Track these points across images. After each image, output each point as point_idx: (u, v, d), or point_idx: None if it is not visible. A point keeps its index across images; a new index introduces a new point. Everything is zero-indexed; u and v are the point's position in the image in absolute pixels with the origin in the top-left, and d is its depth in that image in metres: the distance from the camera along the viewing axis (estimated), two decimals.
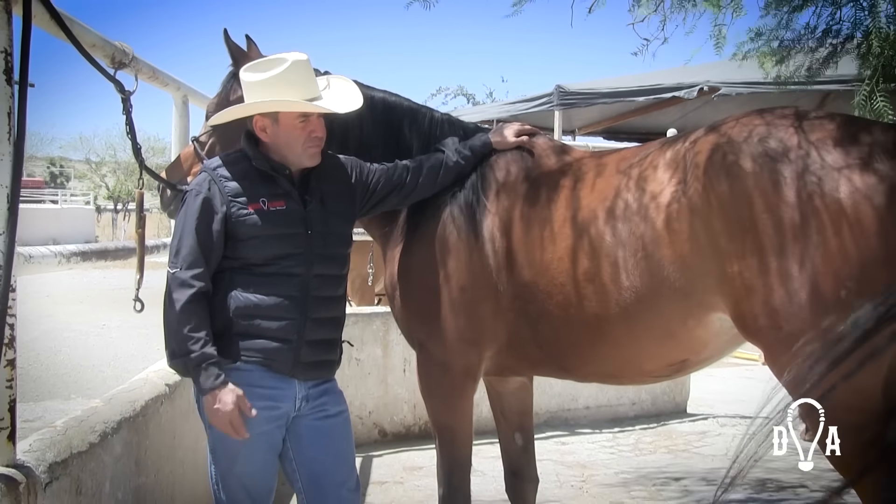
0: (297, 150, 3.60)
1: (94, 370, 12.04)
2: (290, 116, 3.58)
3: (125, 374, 5.37)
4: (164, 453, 4.62)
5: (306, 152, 3.61)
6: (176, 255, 3.48)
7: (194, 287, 3.40)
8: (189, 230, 3.47)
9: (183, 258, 3.44)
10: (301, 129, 3.58)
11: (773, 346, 3.37)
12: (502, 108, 16.09)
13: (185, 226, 3.50)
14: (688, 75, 13.49)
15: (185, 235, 3.48)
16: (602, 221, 3.69)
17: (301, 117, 3.58)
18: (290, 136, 3.58)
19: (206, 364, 3.35)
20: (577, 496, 6.70)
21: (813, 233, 3.17)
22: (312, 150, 3.61)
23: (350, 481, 3.73)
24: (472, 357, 4.06)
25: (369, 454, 7.62)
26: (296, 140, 3.58)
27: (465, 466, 4.23)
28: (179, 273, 3.42)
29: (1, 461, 2.98)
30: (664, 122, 15.33)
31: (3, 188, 2.96)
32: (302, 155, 3.61)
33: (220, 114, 3.79)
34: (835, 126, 3.35)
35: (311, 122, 3.59)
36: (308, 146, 3.59)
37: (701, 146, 3.50)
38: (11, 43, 2.96)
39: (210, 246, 3.46)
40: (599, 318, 3.70)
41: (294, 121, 3.57)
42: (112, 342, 14.12)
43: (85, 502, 3.57)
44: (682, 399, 9.61)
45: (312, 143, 3.60)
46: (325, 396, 3.69)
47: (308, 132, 3.58)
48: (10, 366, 3.00)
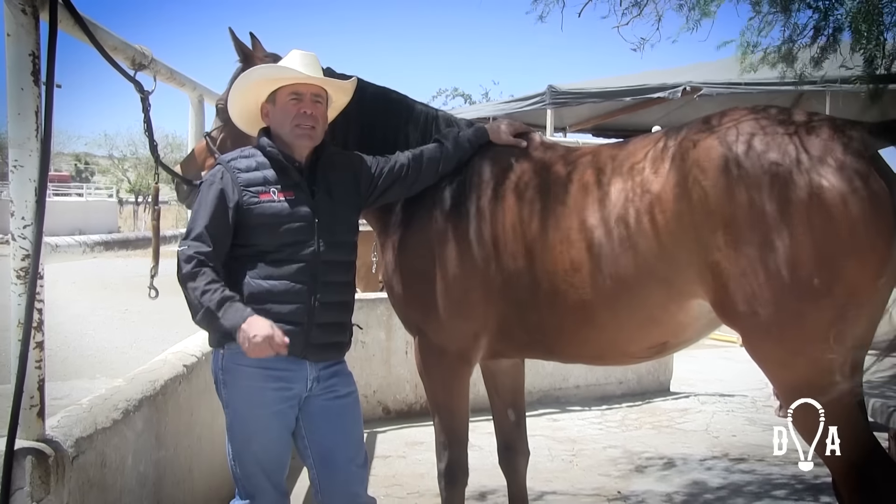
0: (287, 129, 3.58)
1: (117, 352, 12.06)
2: (283, 95, 3.59)
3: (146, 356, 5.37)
4: (182, 429, 4.64)
5: (294, 131, 3.57)
6: (187, 236, 3.49)
7: (199, 250, 3.39)
8: (201, 215, 3.48)
9: (192, 238, 3.44)
10: (293, 106, 3.57)
11: (751, 331, 3.39)
12: (498, 107, 16.15)
13: (198, 212, 3.51)
14: (672, 77, 13.58)
15: (198, 220, 3.48)
16: (588, 213, 3.68)
17: (293, 96, 3.57)
18: (283, 113, 3.58)
19: (228, 303, 3.31)
20: (567, 469, 6.72)
21: (787, 226, 3.18)
22: (300, 131, 3.57)
23: (358, 458, 3.73)
24: (467, 342, 4.06)
25: (374, 430, 7.66)
26: (286, 117, 3.57)
27: (462, 442, 4.24)
28: (187, 250, 3.42)
29: (31, 436, 3.00)
30: (649, 119, 15.34)
31: (32, 182, 2.97)
32: (291, 134, 3.58)
33: (224, 97, 3.84)
34: (809, 125, 3.35)
35: (303, 102, 3.58)
36: (296, 123, 3.56)
37: (684, 143, 3.49)
38: (38, 46, 2.97)
39: (220, 231, 3.45)
40: (585, 305, 3.69)
41: (286, 98, 3.58)
42: (133, 326, 14.14)
43: (109, 475, 3.58)
44: (665, 378, 9.64)
45: (301, 121, 3.56)
46: (335, 378, 3.69)
47: (298, 109, 3.56)
48: (38, 348, 3.01)
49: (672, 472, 6.66)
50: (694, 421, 8.35)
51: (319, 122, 3.63)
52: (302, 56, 3.65)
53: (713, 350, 11.33)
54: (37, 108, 2.96)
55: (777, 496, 6.03)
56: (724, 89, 12.33)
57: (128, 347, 12.28)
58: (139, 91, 3.99)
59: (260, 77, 3.63)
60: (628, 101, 14.82)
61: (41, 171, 2.98)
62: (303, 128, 3.58)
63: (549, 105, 14.18)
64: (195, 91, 5.72)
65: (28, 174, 2.97)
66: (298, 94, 3.58)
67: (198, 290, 3.33)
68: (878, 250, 3.12)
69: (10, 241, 2.99)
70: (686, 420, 8.40)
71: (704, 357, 10.93)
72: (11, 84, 2.93)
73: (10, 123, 2.96)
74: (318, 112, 3.62)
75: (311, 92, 3.61)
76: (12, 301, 2.98)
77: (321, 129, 3.65)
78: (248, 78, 3.65)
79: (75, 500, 3.19)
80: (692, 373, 10.12)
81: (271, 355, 3.28)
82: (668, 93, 13.25)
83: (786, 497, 5.98)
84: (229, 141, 4.07)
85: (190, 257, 3.39)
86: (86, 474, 3.33)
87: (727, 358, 10.84)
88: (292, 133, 3.58)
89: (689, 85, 13.01)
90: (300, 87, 3.59)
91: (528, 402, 4.91)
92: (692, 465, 6.86)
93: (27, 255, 2.98)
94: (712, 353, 11.21)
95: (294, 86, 3.58)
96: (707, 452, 7.21)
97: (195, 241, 3.42)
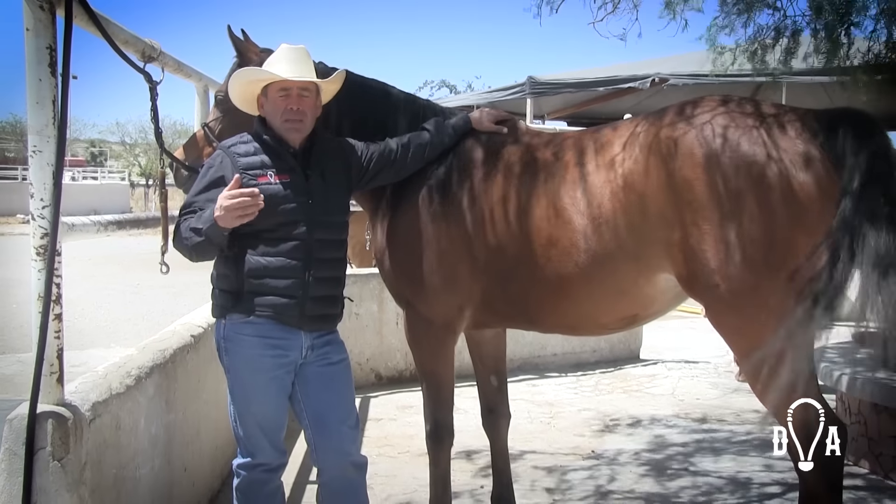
0: (277, 122, 3.58)
1: (129, 323, 12.04)
2: (274, 90, 3.58)
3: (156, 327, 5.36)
4: (190, 394, 4.65)
5: (283, 125, 3.57)
6: (185, 208, 3.53)
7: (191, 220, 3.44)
8: (199, 190, 3.53)
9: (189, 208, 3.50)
10: (281, 101, 3.56)
11: (713, 302, 3.41)
12: (481, 97, 16.12)
13: (196, 186, 3.56)
14: (641, 68, 13.61)
15: (196, 194, 3.53)
16: (565, 194, 3.69)
17: (281, 92, 3.57)
18: (273, 107, 3.58)
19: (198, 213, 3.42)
20: (545, 430, 6.77)
21: (745, 206, 3.21)
22: (288, 125, 3.57)
23: (350, 419, 3.74)
24: (453, 313, 4.06)
25: (367, 395, 7.69)
26: (276, 111, 3.57)
27: (449, 405, 4.26)
28: (182, 221, 3.47)
29: (51, 401, 3.01)
30: (621, 108, 15.33)
31: (49, 166, 2.97)
32: (280, 126, 3.58)
33: (221, 89, 3.92)
34: (766, 114, 3.38)
35: (290, 98, 3.56)
36: (285, 118, 3.56)
37: (654, 131, 3.50)
38: (55, 40, 2.96)
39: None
40: (561, 279, 3.70)
41: (276, 94, 3.57)
42: (144, 299, 14.10)
43: (123, 436, 3.60)
44: (635, 347, 9.69)
45: (290, 116, 3.56)
46: (328, 346, 3.70)
47: (286, 105, 3.56)
48: (57, 319, 3.02)
49: (641, 432, 6.73)
50: (661, 385, 8.41)
51: (307, 115, 3.62)
52: (290, 51, 3.64)
53: (679, 321, 11.37)
54: (54, 97, 2.96)
55: (734, 452, 6.11)
56: (690, 80, 12.37)
57: (139, 319, 12.25)
58: (148, 81, 3.98)
59: (245, 79, 3.64)
60: (602, 91, 14.90)
61: (57, 156, 2.97)
62: (291, 122, 3.58)
63: (529, 94, 14.18)
64: (200, 81, 5.70)
65: (46, 159, 2.96)
66: (286, 90, 3.57)
67: (188, 239, 3.40)
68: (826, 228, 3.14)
69: (30, 221, 3.00)
70: (654, 385, 8.46)
71: (671, 327, 10.98)
72: (30, 75, 2.93)
73: (30, 111, 2.96)
74: (305, 105, 3.60)
75: (298, 86, 3.59)
76: (32, 276, 2.98)
77: (310, 121, 3.64)
78: (238, 79, 3.66)
79: (93, 459, 3.21)
80: (660, 341, 10.16)
81: (246, 212, 3.32)
82: (638, 83, 13.35)
83: (742, 453, 6.07)
84: (227, 131, 4.06)
85: (183, 220, 3.47)
86: (102, 436, 3.34)
87: (692, 328, 10.89)
88: (282, 126, 3.58)
89: (657, 76, 13.11)
90: (287, 82, 3.58)
91: (510, 368, 4.92)
92: (659, 425, 6.92)
93: (46, 234, 2.98)
94: (678, 324, 11.26)
95: (282, 82, 3.58)
96: (672, 414, 7.28)
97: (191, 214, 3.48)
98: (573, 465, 5.86)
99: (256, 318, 3.50)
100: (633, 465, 5.85)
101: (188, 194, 3.61)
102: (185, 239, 3.42)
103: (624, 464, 5.89)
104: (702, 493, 5.29)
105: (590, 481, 5.51)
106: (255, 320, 3.50)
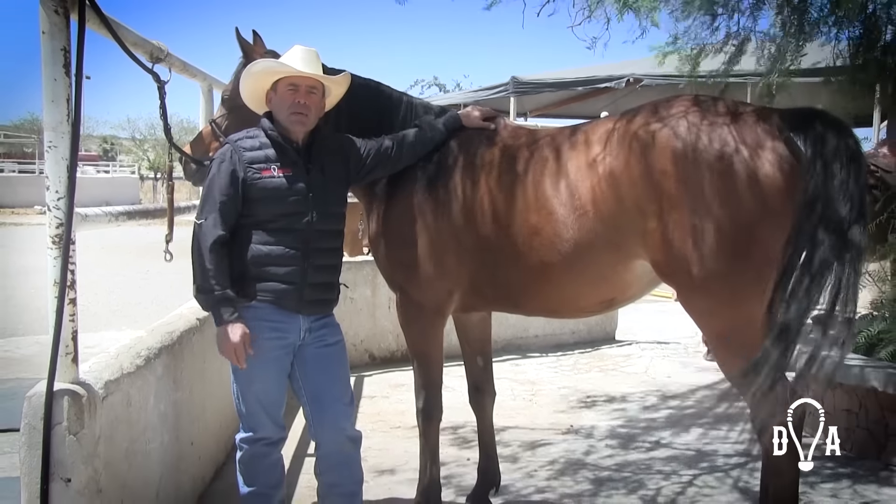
0: (284, 114, 3.58)
1: (140, 307, 12.01)
2: (283, 86, 3.58)
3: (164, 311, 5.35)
4: (196, 374, 4.64)
5: (290, 117, 3.57)
6: (201, 210, 3.50)
7: (215, 235, 3.41)
8: (213, 190, 3.49)
9: (207, 212, 3.46)
10: (290, 95, 3.57)
11: (684, 287, 3.43)
12: (467, 95, 16.15)
13: (209, 187, 3.52)
14: (617, 69, 13.67)
15: (210, 194, 3.49)
16: (547, 185, 3.69)
17: (290, 87, 3.57)
18: (281, 101, 3.58)
19: (225, 302, 3.39)
20: (527, 406, 6.80)
21: (714, 198, 3.23)
22: (294, 117, 3.57)
23: (345, 397, 3.75)
24: (443, 298, 4.07)
25: (361, 374, 7.70)
26: (283, 104, 3.58)
27: (438, 384, 4.26)
28: (204, 224, 3.44)
29: (67, 379, 3.00)
30: (598, 106, 15.41)
31: (64, 160, 2.95)
32: (287, 119, 3.58)
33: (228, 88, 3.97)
34: (734, 111, 3.39)
35: (299, 93, 3.57)
36: (291, 111, 3.56)
37: (629, 126, 3.52)
38: (69, 42, 2.94)
39: (229, 203, 3.46)
40: (545, 266, 3.71)
41: (285, 88, 3.58)
42: (154, 284, 14.03)
43: (134, 413, 3.60)
44: (611, 329, 9.71)
45: (296, 109, 3.56)
46: (324, 329, 3.70)
47: (294, 98, 3.56)
48: (72, 303, 3.01)
49: (615, 408, 6.75)
50: (635, 365, 8.44)
51: (312, 111, 3.62)
52: (302, 52, 3.64)
53: (653, 304, 11.40)
54: (68, 95, 2.94)
55: (702, 425, 6.15)
56: (662, 80, 12.38)
57: (149, 303, 12.21)
58: (156, 81, 3.96)
59: (261, 69, 3.62)
60: (580, 90, 14.99)
61: (72, 151, 2.96)
62: (297, 115, 3.57)
63: (513, 93, 14.22)
64: (205, 81, 5.68)
65: (61, 153, 2.95)
66: (295, 86, 3.57)
67: (209, 271, 3.39)
68: (789, 218, 3.16)
69: (46, 212, 2.99)
70: (628, 364, 8.49)
71: (645, 310, 11.00)
72: (46, 75, 2.91)
73: (45, 109, 2.94)
74: (311, 101, 3.61)
75: (307, 84, 3.60)
76: (48, 263, 2.97)
77: (314, 117, 3.65)
78: (253, 68, 3.64)
79: (105, 434, 3.21)
80: (634, 324, 10.18)
81: (231, 358, 3.45)
82: (614, 83, 13.50)
83: (710, 426, 6.09)
84: (232, 127, 4.04)
85: (206, 231, 3.42)
86: (114, 412, 3.34)
87: (664, 311, 10.91)
88: (288, 119, 3.58)
89: (632, 77, 13.21)
90: (296, 79, 3.58)
91: (494, 349, 4.94)
92: (633, 401, 6.95)
93: (61, 224, 2.97)
94: (652, 307, 11.28)
95: (291, 77, 3.57)
96: (645, 391, 7.31)
97: (210, 217, 3.44)
98: (552, 440, 5.87)
99: (258, 303, 3.51)
100: (608, 439, 5.87)
101: (206, 192, 3.55)
102: (202, 280, 3.42)
103: (600, 438, 5.91)
104: (670, 463, 5.32)
105: (567, 454, 5.54)
106: (257, 305, 3.51)
